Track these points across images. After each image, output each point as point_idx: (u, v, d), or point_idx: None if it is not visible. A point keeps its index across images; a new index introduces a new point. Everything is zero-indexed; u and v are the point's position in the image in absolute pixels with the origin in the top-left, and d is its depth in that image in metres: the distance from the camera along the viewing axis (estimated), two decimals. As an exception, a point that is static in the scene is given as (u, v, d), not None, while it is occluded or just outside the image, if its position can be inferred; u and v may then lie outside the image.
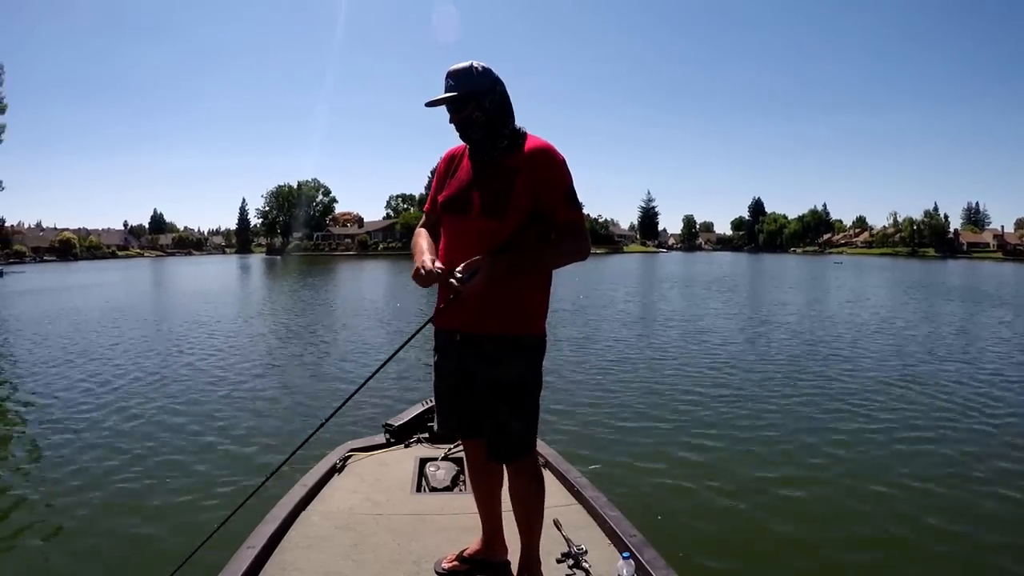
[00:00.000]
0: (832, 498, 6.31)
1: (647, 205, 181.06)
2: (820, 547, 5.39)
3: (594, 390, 10.60)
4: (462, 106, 2.76)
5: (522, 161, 2.76)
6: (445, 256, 2.82)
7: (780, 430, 8.40)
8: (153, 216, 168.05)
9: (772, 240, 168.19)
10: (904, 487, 6.53)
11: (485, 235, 2.72)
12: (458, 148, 2.99)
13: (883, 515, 5.90)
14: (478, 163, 2.86)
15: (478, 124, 2.77)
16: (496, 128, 2.80)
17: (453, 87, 2.74)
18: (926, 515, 5.88)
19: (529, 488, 2.95)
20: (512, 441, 2.84)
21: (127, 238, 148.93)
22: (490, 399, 2.81)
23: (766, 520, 5.83)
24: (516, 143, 2.82)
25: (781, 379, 11.52)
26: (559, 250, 2.81)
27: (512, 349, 2.80)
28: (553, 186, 2.76)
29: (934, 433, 8.28)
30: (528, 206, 2.74)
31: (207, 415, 9.21)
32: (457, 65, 2.77)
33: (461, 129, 2.82)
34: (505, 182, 2.74)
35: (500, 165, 2.80)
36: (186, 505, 6.05)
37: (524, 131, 2.86)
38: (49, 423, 8.92)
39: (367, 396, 9.61)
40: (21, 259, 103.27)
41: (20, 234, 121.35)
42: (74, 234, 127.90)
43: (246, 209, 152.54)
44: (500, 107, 2.80)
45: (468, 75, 2.76)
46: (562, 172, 2.80)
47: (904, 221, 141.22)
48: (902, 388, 10.76)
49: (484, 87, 2.76)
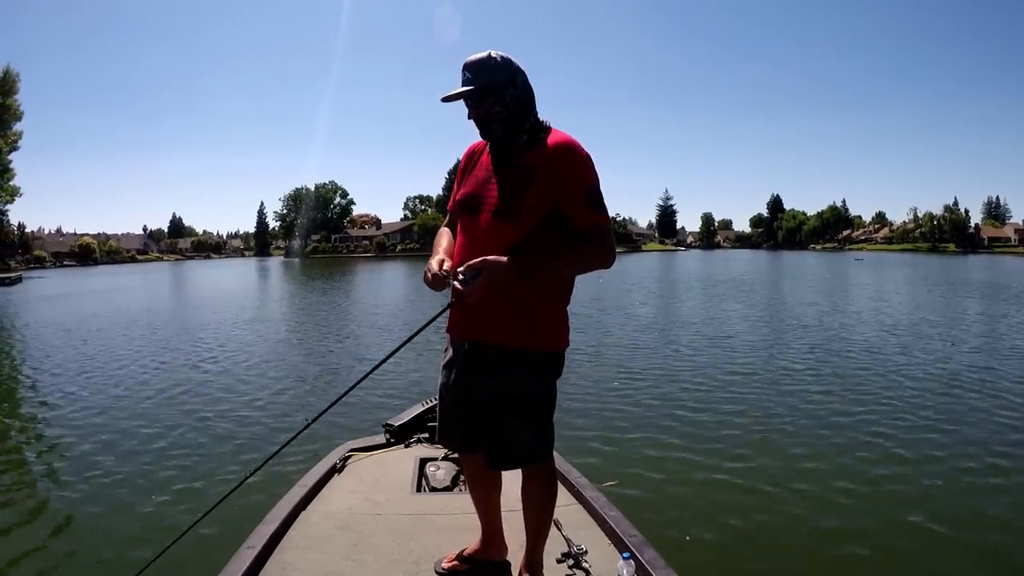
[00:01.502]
0: (834, 499, 6.22)
1: (665, 203, 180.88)
2: (820, 547, 5.35)
3: (595, 390, 10.56)
4: (480, 100, 2.58)
5: (541, 158, 2.58)
6: (459, 258, 2.68)
7: (782, 430, 8.31)
8: (172, 220, 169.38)
9: (791, 237, 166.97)
10: (908, 489, 6.43)
11: (496, 237, 2.56)
12: (479, 144, 2.84)
13: (884, 516, 5.82)
14: (496, 160, 2.70)
15: (498, 119, 2.61)
16: (517, 123, 2.63)
17: (470, 80, 2.56)
18: (930, 520, 5.74)
19: (544, 494, 2.88)
20: (518, 452, 2.76)
21: (146, 242, 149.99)
22: (498, 410, 2.70)
23: (767, 520, 5.77)
24: (536, 138, 2.64)
25: (783, 380, 11.38)
26: (578, 256, 2.59)
27: (521, 364, 2.66)
28: (573, 185, 2.55)
29: (947, 436, 8.05)
30: (545, 207, 2.55)
31: (219, 414, 9.28)
32: (474, 56, 2.59)
33: (481, 125, 2.65)
34: (520, 180, 2.58)
35: (517, 162, 2.63)
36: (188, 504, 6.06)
37: (547, 125, 2.68)
38: (67, 423, 9.01)
39: (367, 396, 9.66)
40: (41, 264, 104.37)
41: (40, 239, 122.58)
42: (93, 239, 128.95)
43: (264, 212, 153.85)
44: (522, 100, 2.63)
45: (486, 66, 2.58)
46: (584, 170, 2.59)
47: (924, 216, 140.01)
48: (914, 390, 10.59)
49: (503, 79, 2.59)
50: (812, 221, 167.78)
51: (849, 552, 5.24)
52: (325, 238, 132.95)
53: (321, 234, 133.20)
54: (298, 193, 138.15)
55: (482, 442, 2.79)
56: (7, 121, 52.22)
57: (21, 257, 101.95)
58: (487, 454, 2.80)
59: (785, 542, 5.45)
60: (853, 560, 5.14)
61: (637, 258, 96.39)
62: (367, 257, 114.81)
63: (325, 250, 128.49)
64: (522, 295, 2.60)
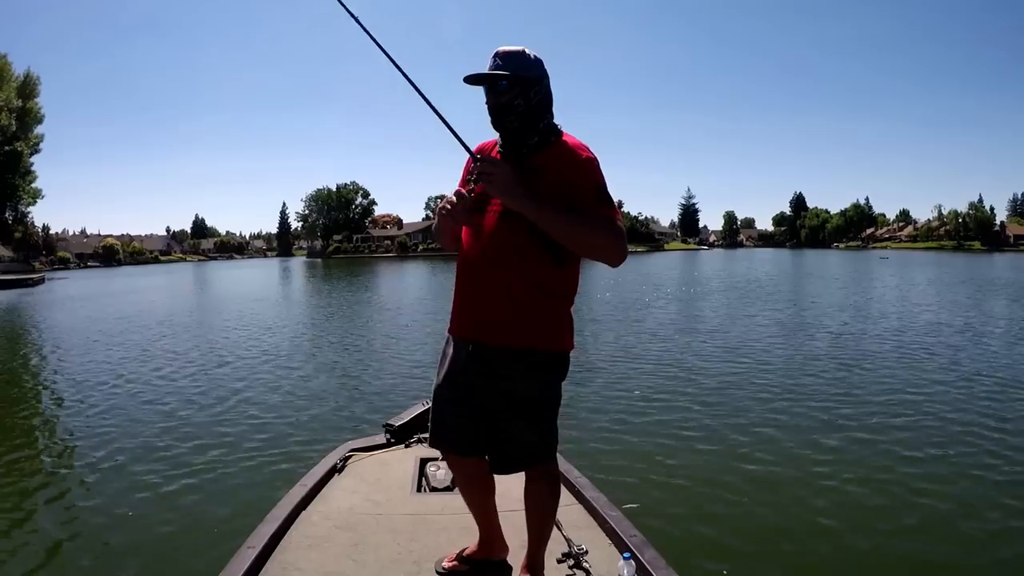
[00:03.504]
0: (836, 500, 6.18)
1: (687, 202, 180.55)
2: (822, 549, 5.30)
3: (595, 390, 10.53)
4: (507, 89, 2.57)
5: (549, 160, 2.60)
6: (466, 256, 2.71)
7: (784, 431, 8.25)
8: (195, 221, 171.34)
9: (814, 235, 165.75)
10: (914, 492, 6.32)
11: (504, 235, 2.59)
12: (488, 143, 2.81)
13: (886, 519, 5.75)
14: (505, 159, 2.66)
15: (518, 113, 2.60)
16: (533, 122, 2.64)
17: (501, 67, 2.56)
18: (927, 522, 5.68)
19: (548, 495, 2.89)
20: (523, 455, 2.75)
21: (169, 243, 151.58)
22: (503, 412, 2.69)
23: (767, 521, 5.76)
24: (548, 141, 2.65)
25: (786, 380, 11.27)
26: (590, 227, 2.51)
27: (527, 366, 2.66)
28: (583, 187, 2.56)
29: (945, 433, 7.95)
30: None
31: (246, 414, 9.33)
32: (508, 47, 2.60)
33: (498, 114, 2.62)
34: (529, 181, 2.54)
35: (527, 163, 2.61)
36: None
37: (559, 128, 2.70)
38: (86, 421, 9.10)
39: (367, 396, 9.67)
40: (65, 265, 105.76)
41: (64, 241, 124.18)
42: (117, 240, 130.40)
43: (286, 213, 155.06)
44: (543, 101, 2.65)
45: (520, 58, 2.59)
46: (592, 172, 2.59)
47: (949, 214, 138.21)
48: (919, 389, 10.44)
49: (533, 76, 2.61)
50: (835, 219, 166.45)
51: (851, 553, 5.20)
52: (347, 238, 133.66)
53: (343, 234, 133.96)
54: (319, 194, 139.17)
55: (485, 445, 2.78)
56: (29, 124, 53.06)
57: (46, 258, 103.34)
58: (492, 458, 2.79)
59: (786, 543, 5.42)
60: (854, 561, 5.10)
61: (659, 258, 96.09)
62: (389, 257, 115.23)
63: (347, 250, 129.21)
64: (527, 295, 2.60)
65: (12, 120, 49.79)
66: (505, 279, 2.61)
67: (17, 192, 52.18)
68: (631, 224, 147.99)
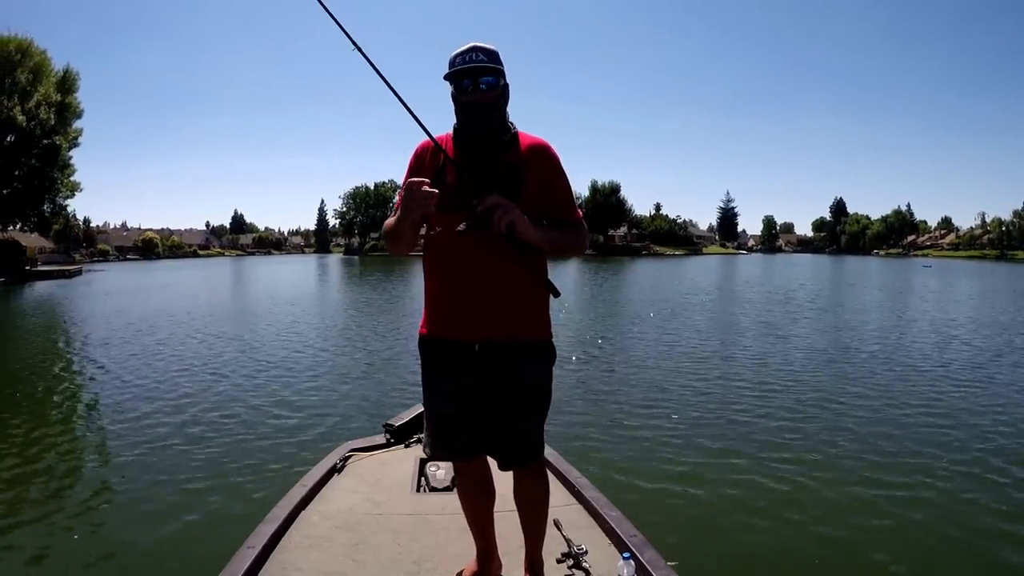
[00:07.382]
0: (836, 502, 6.14)
1: (726, 206, 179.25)
2: (823, 550, 5.27)
3: (596, 390, 10.49)
4: (494, 84, 2.53)
5: (525, 157, 2.59)
6: (454, 256, 2.59)
7: (785, 432, 8.24)
8: (234, 216, 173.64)
9: (854, 242, 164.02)
10: (911, 494, 6.31)
11: (496, 237, 2.44)
12: (428, 143, 2.65)
13: (888, 522, 5.71)
14: (474, 159, 2.58)
15: (499, 109, 2.58)
16: (503, 119, 2.61)
17: (486, 62, 2.51)
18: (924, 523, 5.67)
19: (543, 490, 2.87)
20: (532, 446, 2.75)
21: (208, 238, 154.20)
22: (515, 407, 2.65)
23: (767, 521, 5.73)
24: (514, 137, 2.64)
25: (788, 381, 11.23)
26: (571, 238, 2.67)
27: (535, 355, 2.68)
28: (559, 184, 2.65)
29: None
30: (537, 204, 2.55)
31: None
32: (483, 44, 2.54)
33: (478, 111, 2.53)
34: (513, 179, 2.52)
35: (503, 161, 2.57)
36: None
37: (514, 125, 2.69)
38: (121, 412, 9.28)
39: (367, 396, 9.73)
40: (105, 257, 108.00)
41: (105, 234, 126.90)
42: (156, 234, 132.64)
43: (324, 210, 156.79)
44: (507, 97, 2.63)
45: (496, 56, 2.56)
46: (562, 169, 2.68)
47: (992, 221, 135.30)
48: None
49: (502, 71, 2.58)
50: (876, 226, 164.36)
51: (852, 555, 5.18)
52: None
53: (381, 232, 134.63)
54: (357, 191, 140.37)
55: (494, 443, 2.74)
56: (68, 118, 53.89)
57: (86, 250, 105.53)
58: (502, 454, 2.76)
59: (786, 543, 5.41)
60: (855, 562, 5.07)
61: (697, 261, 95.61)
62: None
63: (383, 248, 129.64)
64: (527, 285, 2.61)
65: (51, 114, 50.58)
66: (507, 271, 2.55)
67: (56, 185, 53.04)
68: (669, 226, 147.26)
